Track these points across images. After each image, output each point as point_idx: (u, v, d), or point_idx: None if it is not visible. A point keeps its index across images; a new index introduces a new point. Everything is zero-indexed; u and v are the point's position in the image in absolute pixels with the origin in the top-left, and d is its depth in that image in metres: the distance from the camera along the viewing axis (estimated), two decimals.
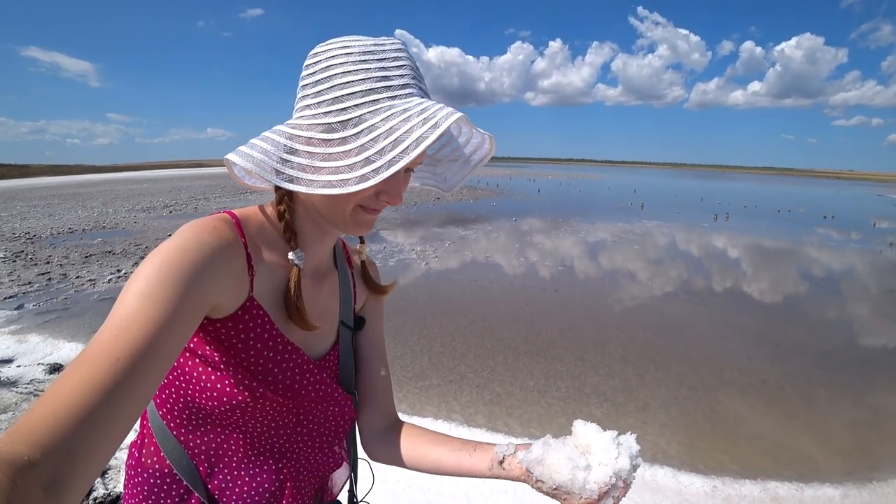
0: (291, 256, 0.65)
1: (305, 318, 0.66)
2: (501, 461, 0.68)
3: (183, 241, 0.54)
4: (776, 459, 3.08)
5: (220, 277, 0.56)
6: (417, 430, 0.81)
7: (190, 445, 0.68)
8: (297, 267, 0.66)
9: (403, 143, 0.53)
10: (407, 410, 3.52)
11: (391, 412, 0.86)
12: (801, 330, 5.54)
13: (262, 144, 0.58)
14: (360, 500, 0.88)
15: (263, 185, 0.71)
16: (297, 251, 0.66)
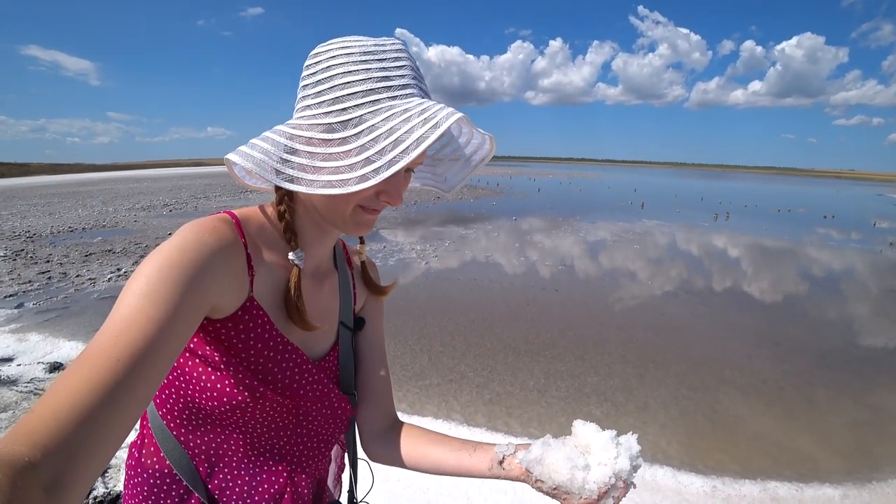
0: (291, 256, 0.65)
1: (305, 318, 0.66)
2: (501, 461, 0.68)
3: (183, 241, 0.54)
4: (776, 459, 3.08)
5: (220, 277, 0.56)
6: (417, 430, 0.81)
7: (190, 445, 0.67)
8: (297, 267, 0.66)
9: (404, 143, 0.53)
10: (407, 410, 3.52)
11: (391, 412, 0.86)
12: (801, 330, 5.54)
13: (262, 144, 0.58)
14: (360, 500, 0.88)
15: (264, 185, 0.71)
16: (297, 251, 0.66)
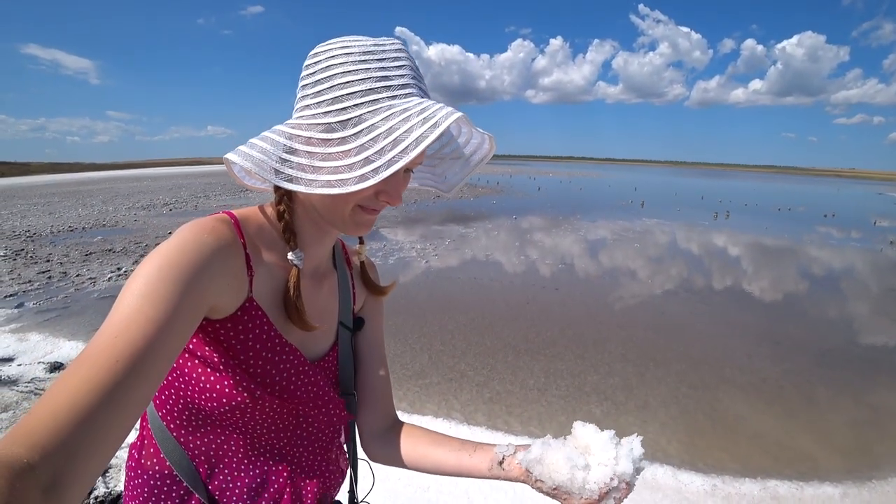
0: (291, 257, 0.65)
1: (305, 318, 0.66)
2: (501, 461, 0.68)
3: (182, 241, 0.54)
4: (776, 458, 3.09)
5: (219, 278, 0.56)
6: (417, 430, 0.80)
7: (190, 446, 0.67)
8: (296, 267, 0.66)
9: (403, 142, 0.53)
10: (407, 409, 3.52)
11: (391, 413, 0.86)
12: (801, 328, 5.55)
13: (261, 144, 0.58)
14: (360, 500, 0.88)
15: (263, 185, 0.70)
16: (296, 251, 0.66)
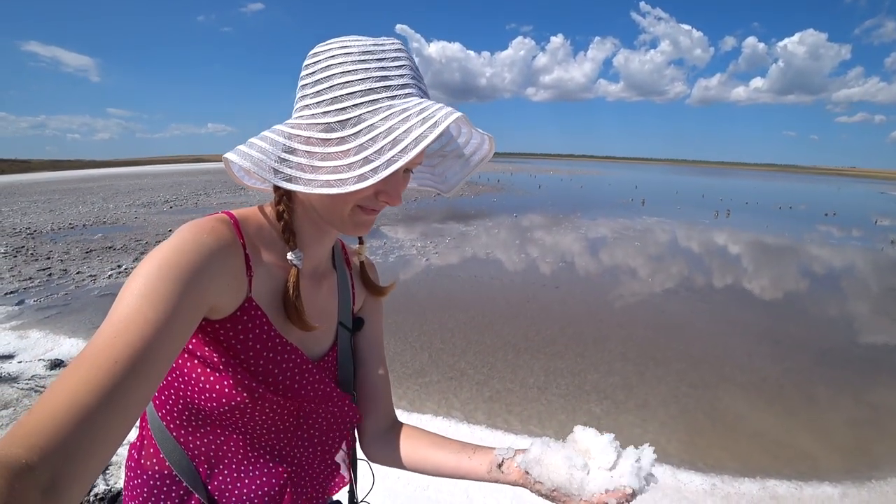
0: (290, 257, 0.65)
1: (304, 318, 0.66)
2: (500, 465, 0.68)
3: (181, 241, 0.54)
4: (776, 457, 3.09)
5: (218, 278, 0.56)
6: (416, 431, 0.80)
7: (190, 447, 0.67)
8: (295, 267, 0.66)
9: (402, 142, 0.53)
10: (407, 407, 3.52)
11: (390, 413, 0.85)
12: (801, 327, 5.54)
13: (260, 144, 0.58)
14: (360, 500, 0.88)
15: (262, 184, 0.70)
16: (295, 251, 0.65)
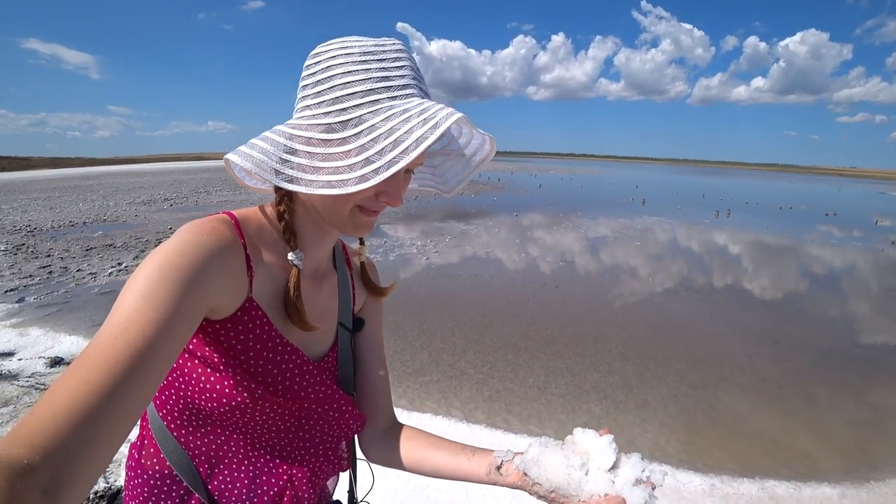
0: (291, 257, 0.65)
1: (305, 318, 0.66)
2: (499, 467, 0.68)
3: (182, 242, 0.54)
4: (775, 458, 3.09)
5: (219, 278, 0.56)
6: (416, 432, 0.80)
7: (190, 446, 0.67)
8: (296, 267, 0.66)
9: (403, 143, 0.53)
10: (406, 406, 3.53)
11: (389, 414, 0.85)
12: (801, 328, 5.55)
13: (261, 144, 0.58)
14: (360, 500, 0.88)
15: (263, 185, 0.70)
16: (296, 252, 0.65)
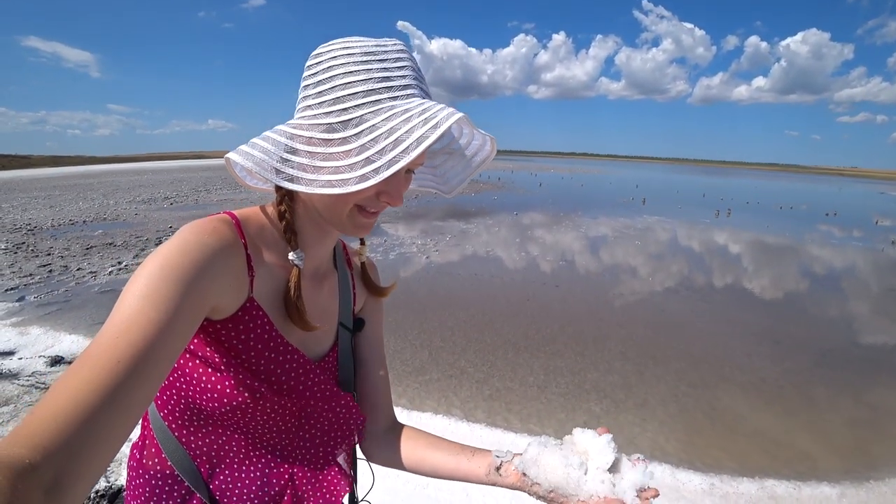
0: (291, 257, 0.65)
1: (305, 318, 0.66)
2: (498, 467, 0.68)
3: (183, 242, 0.54)
4: (774, 457, 3.09)
5: (220, 278, 0.56)
6: (416, 432, 0.80)
7: (191, 446, 0.67)
8: (296, 267, 0.66)
9: (404, 142, 0.53)
10: (406, 405, 3.53)
11: (389, 414, 0.86)
12: (801, 328, 5.55)
13: (262, 144, 0.58)
14: (360, 499, 0.89)
15: (264, 185, 0.70)
16: (297, 251, 0.65)
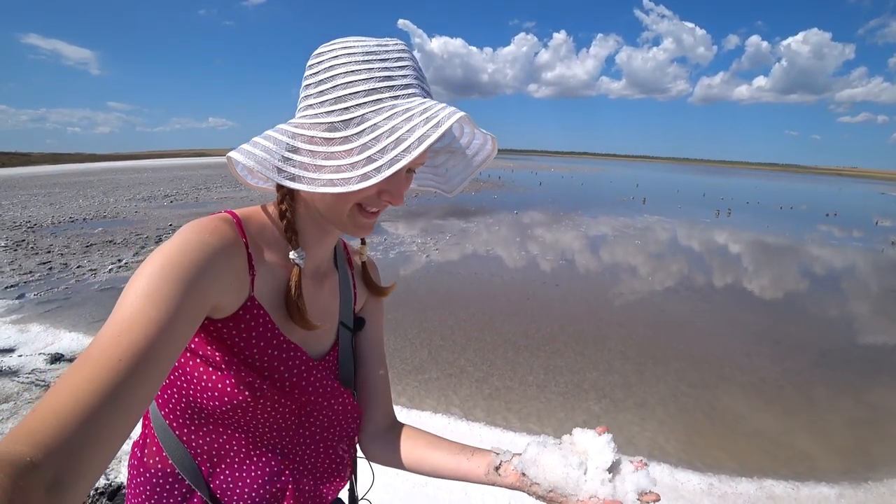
0: (292, 256, 0.65)
1: (306, 317, 0.66)
2: (498, 467, 0.68)
3: (184, 241, 0.54)
4: (774, 457, 3.10)
5: (221, 277, 0.56)
6: (415, 432, 0.81)
7: (192, 445, 0.68)
8: (297, 266, 0.66)
9: (405, 141, 0.53)
10: (406, 404, 3.53)
11: (389, 413, 0.86)
12: (801, 328, 5.55)
13: (264, 143, 0.58)
14: (360, 497, 0.89)
15: (266, 184, 0.70)
16: (298, 251, 0.66)
